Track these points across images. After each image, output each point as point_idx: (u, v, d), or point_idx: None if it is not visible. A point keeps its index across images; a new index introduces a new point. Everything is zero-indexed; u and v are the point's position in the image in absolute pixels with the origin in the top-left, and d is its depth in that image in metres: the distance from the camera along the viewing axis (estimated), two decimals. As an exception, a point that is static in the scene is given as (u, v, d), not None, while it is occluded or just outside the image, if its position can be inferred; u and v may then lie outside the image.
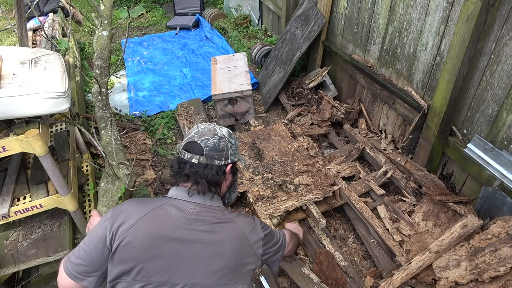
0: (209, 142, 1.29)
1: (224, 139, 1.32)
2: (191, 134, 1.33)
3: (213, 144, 1.29)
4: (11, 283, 2.23)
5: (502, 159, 2.15)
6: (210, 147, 1.28)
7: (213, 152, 1.28)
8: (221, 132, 1.33)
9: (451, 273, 2.00)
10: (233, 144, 1.36)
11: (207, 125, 1.36)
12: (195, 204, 1.25)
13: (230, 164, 1.33)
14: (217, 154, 1.29)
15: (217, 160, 1.29)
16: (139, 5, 2.55)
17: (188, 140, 1.32)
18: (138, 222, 1.16)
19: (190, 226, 1.19)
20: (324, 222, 2.42)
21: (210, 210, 1.26)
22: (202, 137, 1.29)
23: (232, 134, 1.38)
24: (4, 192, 2.04)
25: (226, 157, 1.31)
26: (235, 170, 1.42)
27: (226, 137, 1.32)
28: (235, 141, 1.39)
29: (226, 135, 1.33)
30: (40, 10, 4.43)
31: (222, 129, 1.35)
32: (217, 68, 4.00)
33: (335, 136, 3.47)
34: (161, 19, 7.10)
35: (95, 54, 2.82)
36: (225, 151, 1.31)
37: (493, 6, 1.97)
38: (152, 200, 1.28)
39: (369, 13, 3.08)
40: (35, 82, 1.76)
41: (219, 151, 1.29)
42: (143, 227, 1.15)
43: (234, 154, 1.35)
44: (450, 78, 2.30)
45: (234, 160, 1.36)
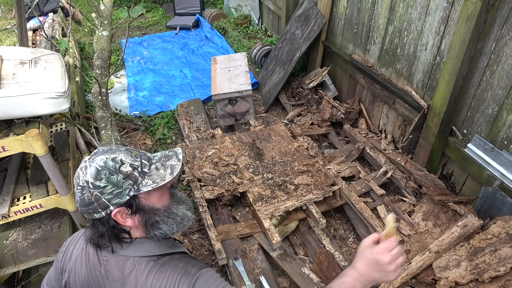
0: (76, 197, 1.01)
1: (87, 188, 0.98)
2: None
3: (79, 198, 1.01)
4: (11, 283, 2.23)
5: (502, 159, 2.15)
6: (79, 203, 1.02)
7: (83, 208, 1.01)
8: (84, 177, 0.99)
9: (451, 273, 2.00)
10: (105, 185, 0.98)
11: (83, 162, 1.03)
12: (106, 251, 1.07)
13: (116, 209, 1.01)
14: (87, 209, 1.01)
15: (96, 214, 1.01)
16: (139, 5, 2.56)
17: None
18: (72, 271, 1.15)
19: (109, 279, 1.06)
20: (324, 222, 2.42)
21: (120, 262, 1.05)
22: (75, 187, 1.03)
23: (101, 171, 0.98)
24: (4, 192, 2.04)
25: (103, 207, 0.99)
26: (139, 207, 1.05)
27: (89, 184, 0.98)
28: (110, 177, 0.99)
29: (90, 180, 0.98)
30: (40, 10, 4.43)
31: (88, 170, 0.99)
32: (217, 68, 4.00)
33: (335, 136, 3.47)
34: (161, 19, 7.10)
35: (95, 54, 2.82)
36: (95, 203, 0.99)
37: (493, 6, 1.97)
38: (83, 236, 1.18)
39: (369, 13, 3.08)
40: (35, 82, 1.76)
41: (87, 205, 1.00)
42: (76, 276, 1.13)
43: (118, 195, 1.00)
44: (450, 78, 2.30)
45: (122, 201, 1.00)
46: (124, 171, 1.00)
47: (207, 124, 3.66)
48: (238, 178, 2.73)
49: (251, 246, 2.38)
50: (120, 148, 1.06)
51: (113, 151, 1.03)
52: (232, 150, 3.01)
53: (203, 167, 2.86)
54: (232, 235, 2.41)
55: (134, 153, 1.06)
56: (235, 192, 2.64)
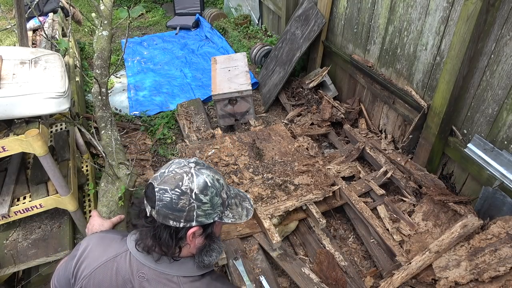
0: (166, 195, 0.96)
1: (188, 195, 0.96)
2: (157, 173, 1.02)
3: (170, 199, 0.96)
4: (11, 283, 2.23)
5: (502, 159, 2.15)
6: (165, 202, 0.96)
7: (166, 210, 0.96)
8: (189, 184, 0.97)
9: (451, 273, 2.00)
10: (206, 202, 0.98)
11: (179, 166, 1.01)
12: (147, 268, 1.03)
13: (195, 228, 0.99)
14: (172, 213, 0.97)
15: (173, 221, 0.97)
16: (139, 5, 2.56)
17: (151, 180, 1.02)
18: (92, 273, 1.07)
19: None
20: (324, 222, 2.42)
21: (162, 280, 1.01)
22: (161, 185, 0.97)
23: (209, 188, 0.99)
24: (4, 192, 2.04)
25: (188, 219, 0.97)
26: (209, 233, 1.05)
27: (193, 193, 0.96)
28: (213, 198, 1.00)
29: (195, 190, 0.96)
30: (40, 10, 4.43)
31: (195, 179, 0.98)
32: (217, 68, 4.00)
33: (335, 136, 3.47)
34: (161, 19, 7.10)
35: (95, 54, 2.82)
36: (185, 212, 0.96)
37: (493, 6, 1.97)
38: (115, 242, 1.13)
39: (369, 13, 3.08)
40: (35, 82, 1.76)
41: (176, 210, 0.96)
42: (95, 281, 1.06)
43: (206, 215, 0.99)
44: (450, 78, 2.30)
45: (206, 222, 1.00)
46: (223, 197, 1.04)
47: (207, 124, 3.66)
48: (238, 178, 2.73)
49: (251, 246, 2.38)
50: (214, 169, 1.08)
51: (215, 171, 1.05)
52: (232, 150, 3.01)
53: (203, 167, 2.85)
54: (232, 235, 2.41)
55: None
56: (235, 192, 2.64)
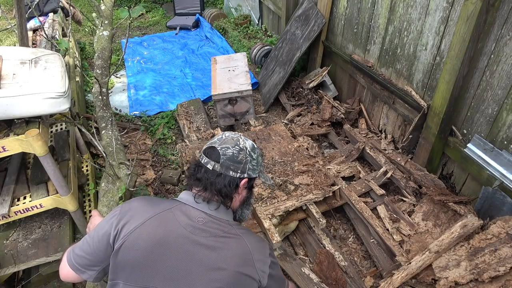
0: (228, 151, 1.24)
1: (245, 151, 1.26)
2: (214, 140, 1.30)
3: (232, 154, 1.24)
4: (11, 283, 2.23)
5: (502, 159, 2.15)
6: (228, 156, 1.23)
7: (229, 162, 1.23)
8: (244, 144, 1.28)
9: (451, 273, 2.00)
10: (254, 159, 1.30)
11: (232, 134, 1.32)
12: (203, 213, 1.21)
13: (245, 179, 1.27)
14: (233, 165, 1.24)
15: (232, 171, 1.24)
16: (139, 5, 2.56)
17: (209, 145, 1.28)
18: (144, 224, 1.14)
19: (195, 236, 1.15)
20: (324, 222, 2.42)
21: (218, 222, 1.22)
22: (222, 145, 1.25)
23: (256, 149, 1.32)
24: (4, 192, 2.04)
25: (243, 170, 1.26)
26: (251, 186, 1.35)
27: (247, 150, 1.27)
28: (258, 157, 1.33)
29: (248, 148, 1.28)
30: (40, 10, 4.43)
31: (247, 142, 1.30)
32: (217, 68, 4.00)
33: (335, 136, 3.47)
34: (161, 19, 7.10)
35: (96, 54, 2.82)
36: (242, 164, 1.25)
37: (493, 6, 1.97)
38: (162, 201, 1.25)
39: (369, 13, 3.08)
40: (35, 82, 1.76)
41: (237, 162, 1.24)
42: (148, 230, 1.13)
43: (253, 170, 1.29)
44: (450, 78, 2.30)
45: (252, 175, 1.30)
46: (260, 159, 1.35)
47: (207, 124, 3.66)
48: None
49: (251, 246, 2.38)
50: None
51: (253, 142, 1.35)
52: (232, 150, 3.01)
53: (203, 167, 2.85)
54: (232, 235, 2.41)
55: None
56: (235, 192, 2.64)
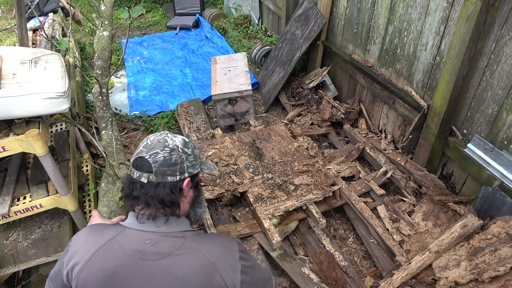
0: (159, 156, 1.11)
1: (177, 150, 1.14)
2: (140, 148, 1.15)
3: (163, 158, 1.11)
4: (11, 283, 2.23)
5: (502, 159, 2.15)
6: (160, 162, 1.10)
7: (163, 168, 1.11)
8: (173, 142, 1.15)
9: (451, 273, 2.00)
10: (190, 154, 1.17)
11: (157, 135, 1.18)
12: (151, 233, 1.10)
13: (187, 179, 1.16)
14: (169, 169, 1.11)
15: (170, 176, 1.12)
16: (139, 5, 2.56)
17: (136, 156, 1.14)
18: (90, 260, 1.07)
19: (147, 261, 1.05)
20: (324, 222, 2.42)
21: (169, 239, 1.10)
22: (151, 151, 1.12)
23: (188, 143, 1.19)
24: (4, 192, 2.04)
25: (182, 171, 1.14)
26: (196, 183, 1.23)
27: (179, 148, 1.15)
28: (194, 150, 1.20)
29: (179, 145, 1.15)
30: (40, 10, 4.43)
31: (175, 139, 1.17)
32: (217, 68, 4.00)
33: (335, 136, 3.47)
34: (161, 19, 7.10)
35: (96, 54, 2.82)
36: (178, 165, 1.13)
37: (493, 6, 1.97)
38: (106, 229, 1.15)
39: (369, 13, 3.08)
40: (35, 82, 1.76)
41: (171, 165, 1.12)
42: (96, 266, 1.06)
43: (193, 166, 1.18)
44: (450, 78, 2.30)
45: (194, 172, 1.18)
46: (197, 152, 1.22)
47: (207, 124, 3.66)
48: (238, 178, 2.73)
49: (251, 246, 2.38)
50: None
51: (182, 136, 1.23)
52: (232, 150, 3.01)
53: (203, 167, 2.85)
54: (232, 235, 2.41)
55: None
56: (235, 192, 2.64)
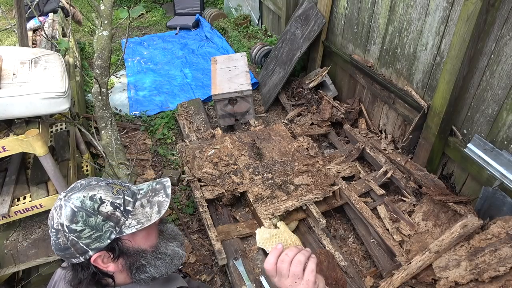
0: (51, 239, 0.91)
1: (62, 232, 0.87)
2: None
3: (54, 242, 0.90)
4: (11, 283, 2.23)
5: (502, 159, 2.15)
6: (54, 246, 0.91)
7: (60, 253, 0.91)
8: (58, 219, 0.88)
9: (451, 273, 2.00)
10: (82, 229, 0.87)
11: (58, 200, 0.91)
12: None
13: (95, 255, 0.90)
14: (64, 253, 0.90)
15: (73, 259, 0.91)
16: (139, 5, 2.56)
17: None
18: None
19: None
20: (324, 222, 2.42)
21: None
22: (49, 231, 0.92)
23: (77, 213, 0.87)
24: (4, 192, 2.04)
25: (81, 252, 0.89)
26: (122, 251, 0.94)
27: (65, 227, 0.87)
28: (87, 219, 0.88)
29: (65, 223, 0.87)
30: (40, 10, 4.43)
31: (63, 211, 0.88)
32: (217, 68, 4.00)
33: (335, 136, 3.47)
34: (161, 19, 7.10)
35: (96, 54, 2.82)
36: (71, 248, 0.88)
37: (493, 6, 1.97)
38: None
39: (369, 13, 3.08)
40: (35, 82, 1.76)
41: (64, 250, 0.89)
42: None
43: (97, 239, 0.89)
44: (450, 78, 2.30)
45: (102, 245, 0.90)
46: (104, 212, 0.89)
47: (207, 124, 3.66)
48: (238, 178, 2.73)
49: (251, 246, 2.38)
50: (100, 183, 0.94)
51: (91, 187, 0.92)
52: (232, 150, 3.01)
53: (203, 167, 2.86)
54: (232, 235, 2.41)
55: (116, 189, 0.94)
56: (235, 192, 2.64)
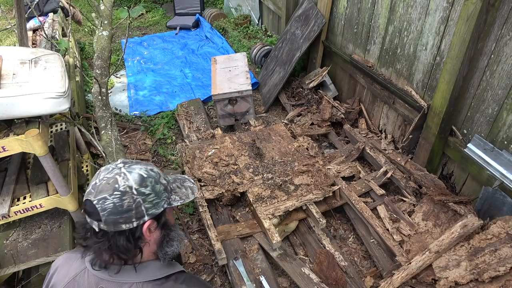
0: (107, 203, 0.92)
1: (130, 193, 0.94)
2: (89, 188, 0.97)
3: (113, 205, 0.93)
4: (11, 283, 2.23)
5: (502, 159, 2.15)
6: (109, 210, 0.92)
7: (114, 217, 0.93)
8: (125, 183, 0.94)
9: (451, 273, 2.00)
10: (150, 193, 0.97)
11: (108, 172, 0.97)
12: (105, 281, 0.99)
13: (148, 222, 0.98)
14: (121, 217, 0.93)
15: (125, 224, 0.94)
16: (139, 5, 2.56)
17: (85, 197, 0.97)
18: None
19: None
20: (324, 222, 2.42)
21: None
22: (99, 195, 0.93)
23: (147, 179, 0.98)
24: (4, 192, 2.04)
25: (139, 215, 0.95)
26: (164, 222, 1.04)
27: (133, 189, 0.94)
28: (155, 186, 0.99)
29: (134, 185, 0.95)
30: (40, 10, 4.43)
31: (129, 176, 0.96)
32: (217, 68, 4.00)
33: (335, 136, 3.47)
34: (161, 19, 7.10)
35: (95, 54, 2.82)
36: (133, 210, 0.94)
37: (493, 6, 1.97)
38: (76, 262, 1.07)
39: (369, 13, 3.08)
40: (35, 82, 1.76)
41: (124, 212, 0.93)
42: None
43: (155, 205, 0.98)
44: (450, 78, 2.30)
45: (157, 212, 0.99)
46: (163, 183, 1.02)
47: (207, 124, 3.66)
48: (238, 178, 2.73)
49: (251, 246, 2.38)
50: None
51: (146, 163, 1.04)
52: (232, 150, 3.01)
53: (203, 167, 2.86)
54: (232, 235, 2.41)
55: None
56: (235, 192, 2.64)
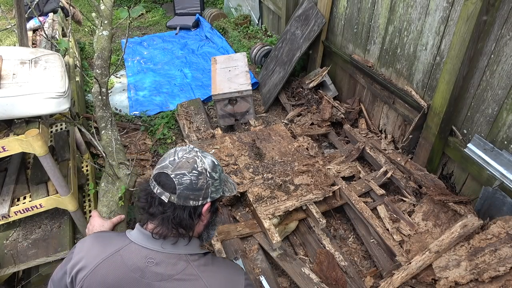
0: (185, 178, 1.06)
1: (205, 174, 1.08)
2: (165, 163, 1.10)
3: (190, 181, 1.06)
4: (11, 283, 2.23)
5: (502, 159, 2.15)
6: (185, 185, 1.05)
7: (188, 192, 1.06)
8: (202, 165, 1.09)
9: (451, 273, 2.00)
10: (217, 178, 1.12)
11: (186, 152, 1.12)
12: (155, 252, 1.08)
13: (208, 203, 1.11)
14: (193, 193, 1.07)
15: (193, 201, 1.07)
16: (139, 5, 2.56)
17: (160, 170, 1.09)
18: (94, 271, 1.06)
19: (147, 280, 1.04)
20: (324, 222, 2.42)
21: (171, 261, 1.07)
22: (177, 171, 1.06)
23: (217, 166, 1.14)
24: (4, 192, 2.04)
25: (205, 196, 1.10)
26: (215, 208, 1.19)
27: (207, 172, 1.09)
28: (221, 174, 1.16)
29: (208, 169, 1.10)
30: (40, 10, 4.43)
31: (205, 160, 1.11)
32: (217, 68, 4.00)
33: (335, 136, 3.47)
34: (161, 19, 7.10)
35: (95, 54, 2.82)
36: (204, 190, 1.08)
37: (493, 6, 1.97)
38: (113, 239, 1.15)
39: (369, 13, 3.08)
40: (35, 82, 1.76)
41: (196, 190, 1.07)
42: (98, 279, 1.05)
43: (216, 190, 1.13)
44: (450, 78, 2.30)
45: (216, 197, 1.14)
46: (223, 175, 1.18)
47: (207, 124, 3.66)
48: (238, 178, 2.73)
49: (251, 246, 2.38)
50: None
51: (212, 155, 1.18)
52: (232, 150, 3.01)
53: (203, 167, 2.85)
54: (232, 235, 2.41)
55: None
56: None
